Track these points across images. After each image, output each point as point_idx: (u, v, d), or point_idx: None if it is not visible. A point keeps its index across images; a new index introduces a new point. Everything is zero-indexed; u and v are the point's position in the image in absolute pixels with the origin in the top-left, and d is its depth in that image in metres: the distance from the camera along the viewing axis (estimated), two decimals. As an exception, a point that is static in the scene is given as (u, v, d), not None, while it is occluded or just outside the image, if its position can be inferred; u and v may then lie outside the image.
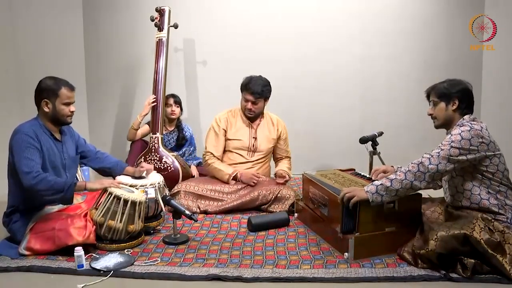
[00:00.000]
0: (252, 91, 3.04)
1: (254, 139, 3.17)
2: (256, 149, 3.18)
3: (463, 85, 2.21)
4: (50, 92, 2.32)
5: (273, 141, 3.23)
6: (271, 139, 3.23)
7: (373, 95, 4.18)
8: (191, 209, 2.85)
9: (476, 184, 2.13)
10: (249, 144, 3.16)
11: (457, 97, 2.18)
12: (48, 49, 3.91)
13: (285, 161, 3.30)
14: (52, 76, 2.38)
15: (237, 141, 3.16)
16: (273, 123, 3.27)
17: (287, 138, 3.31)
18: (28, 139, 2.24)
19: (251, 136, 3.18)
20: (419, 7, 4.07)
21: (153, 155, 3.38)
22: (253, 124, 3.21)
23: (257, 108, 3.12)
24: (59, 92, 2.32)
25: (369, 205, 2.11)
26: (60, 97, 2.33)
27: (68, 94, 2.35)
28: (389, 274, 2.00)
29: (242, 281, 1.99)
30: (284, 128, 3.30)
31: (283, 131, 3.27)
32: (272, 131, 3.24)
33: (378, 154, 3.01)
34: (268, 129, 3.24)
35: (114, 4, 4.14)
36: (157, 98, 3.50)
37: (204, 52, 4.17)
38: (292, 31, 4.09)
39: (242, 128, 3.19)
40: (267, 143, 3.20)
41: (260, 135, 3.20)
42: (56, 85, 2.33)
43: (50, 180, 2.22)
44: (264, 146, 3.19)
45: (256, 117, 3.20)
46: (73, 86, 2.40)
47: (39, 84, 2.35)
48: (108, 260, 2.16)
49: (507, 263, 1.90)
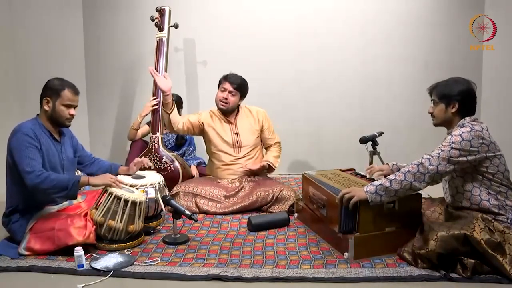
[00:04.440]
0: (231, 80, 3.13)
1: (236, 135, 3.19)
2: (241, 144, 3.18)
3: (466, 87, 2.17)
4: (53, 91, 2.32)
5: (256, 132, 3.24)
6: (254, 130, 3.24)
7: (373, 95, 4.17)
8: (191, 209, 2.85)
9: (477, 185, 2.13)
10: (233, 140, 3.17)
11: (457, 100, 2.16)
12: (48, 49, 3.91)
13: (274, 149, 3.31)
14: (61, 78, 2.39)
15: (221, 141, 3.17)
16: (253, 115, 3.29)
17: (270, 125, 3.32)
18: (28, 138, 2.23)
19: (233, 132, 3.19)
20: (419, 7, 4.07)
21: (153, 155, 3.39)
22: (231, 120, 3.22)
23: (232, 100, 3.14)
24: (62, 92, 2.32)
25: (369, 205, 2.12)
26: (61, 98, 2.32)
27: (70, 97, 2.34)
28: (389, 274, 2.00)
29: (242, 281, 1.99)
30: (265, 117, 3.31)
31: (264, 120, 3.29)
32: (253, 123, 3.25)
33: (378, 154, 3.01)
34: (248, 121, 3.25)
35: (114, 4, 4.14)
36: (158, 99, 3.50)
37: (204, 52, 4.17)
38: (292, 31, 4.09)
39: (221, 127, 3.21)
40: (250, 135, 3.21)
41: (241, 129, 3.21)
42: (60, 85, 2.34)
43: (54, 179, 2.22)
44: (248, 140, 3.20)
45: (229, 112, 3.21)
46: (78, 90, 2.40)
47: (46, 82, 2.36)
48: (108, 260, 2.16)
49: (507, 263, 1.90)
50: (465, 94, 2.17)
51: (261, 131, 3.27)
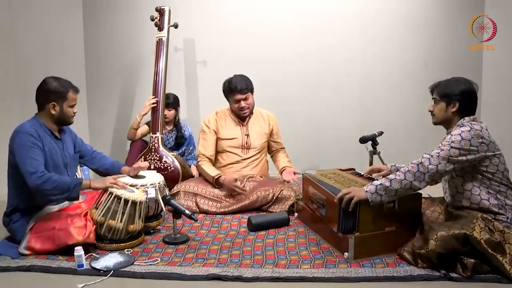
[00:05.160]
0: (240, 89, 3.07)
1: (247, 136, 3.18)
2: (250, 146, 3.18)
3: (468, 87, 2.18)
4: (58, 94, 2.31)
5: (265, 136, 3.25)
6: (263, 134, 3.24)
7: (373, 95, 4.17)
8: (191, 209, 2.85)
9: (476, 184, 2.13)
10: (242, 141, 3.17)
11: (458, 100, 2.16)
12: (48, 49, 3.91)
13: (283, 155, 3.31)
14: (56, 77, 2.37)
15: (230, 140, 3.17)
16: (263, 118, 3.28)
17: (278, 130, 3.33)
18: (30, 138, 2.23)
19: (243, 133, 3.19)
20: (419, 7, 4.06)
21: (153, 155, 3.38)
22: (243, 121, 3.22)
23: (249, 103, 3.14)
24: (67, 95, 2.34)
25: (369, 205, 2.12)
26: (68, 100, 2.34)
27: (74, 97, 2.38)
28: (389, 274, 2.00)
29: (242, 281, 1.99)
30: (275, 121, 3.31)
31: (274, 124, 3.29)
32: (264, 126, 3.25)
33: (378, 154, 3.01)
34: (259, 124, 3.25)
35: (114, 4, 4.14)
36: (157, 99, 3.50)
37: (204, 52, 4.16)
38: (292, 31, 4.08)
39: (232, 127, 3.20)
40: (260, 139, 3.21)
41: (252, 131, 3.21)
42: (63, 87, 2.33)
43: (56, 180, 2.22)
44: (257, 142, 3.20)
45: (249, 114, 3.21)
46: (78, 89, 2.42)
47: (44, 84, 2.32)
48: (108, 260, 2.16)
49: (507, 263, 1.90)
50: (466, 94, 2.17)
51: (270, 135, 3.27)
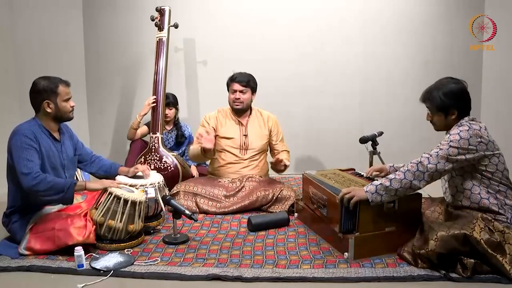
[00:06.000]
0: (239, 80, 3.13)
1: (245, 137, 3.17)
2: (248, 147, 3.17)
3: (459, 89, 2.15)
4: (49, 91, 2.31)
5: (265, 137, 3.23)
6: (263, 135, 3.22)
7: (373, 95, 4.18)
8: (191, 209, 2.85)
9: (476, 184, 2.13)
10: (240, 141, 3.16)
11: (456, 107, 2.15)
12: (48, 49, 3.91)
13: (284, 153, 3.23)
14: (45, 76, 2.37)
15: (228, 139, 3.16)
16: (263, 119, 3.27)
17: (279, 132, 3.28)
18: (26, 140, 2.23)
19: (242, 133, 3.18)
20: (419, 7, 4.07)
21: (153, 155, 3.38)
22: (243, 121, 3.21)
23: (244, 98, 3.14)
24: (58, 89, 2.32)
25: (369, 205, 2.12)
26: (60, 95, 2.33)
27: (66, 90, 2.36)
28: (389, 274, 2.00)
29: (242, 281, 1.99)
30: (275, 122, 3.28)
31: (273, 126, 3.26)
32: (263, 127, 3.24)
33: (378, 154, 3.01)
34: (259, 125, 3.24)
35: (114, 4, 4.14)
36: (157, 98, 3.50)
37: (204, 52, 4.16)
38: (292, 31, 4.09)
39: (231, 126, 3.20)
40: (259, 140, 3.20)
41: (250, 132, 3.19)
42: (52, 83, 2.32)
43: (50, 181, 2.22)
44: (256, 143, 3.18)
45: (243, 110, 3.19)
46: (69, 82, 2.41)
47: (34, 86, 2.32)
48: (108, 260, 2.16)
49: (507, 263, 1.91)
50: (461, 99, 2.16)
51: (269, 136, 3.25)
